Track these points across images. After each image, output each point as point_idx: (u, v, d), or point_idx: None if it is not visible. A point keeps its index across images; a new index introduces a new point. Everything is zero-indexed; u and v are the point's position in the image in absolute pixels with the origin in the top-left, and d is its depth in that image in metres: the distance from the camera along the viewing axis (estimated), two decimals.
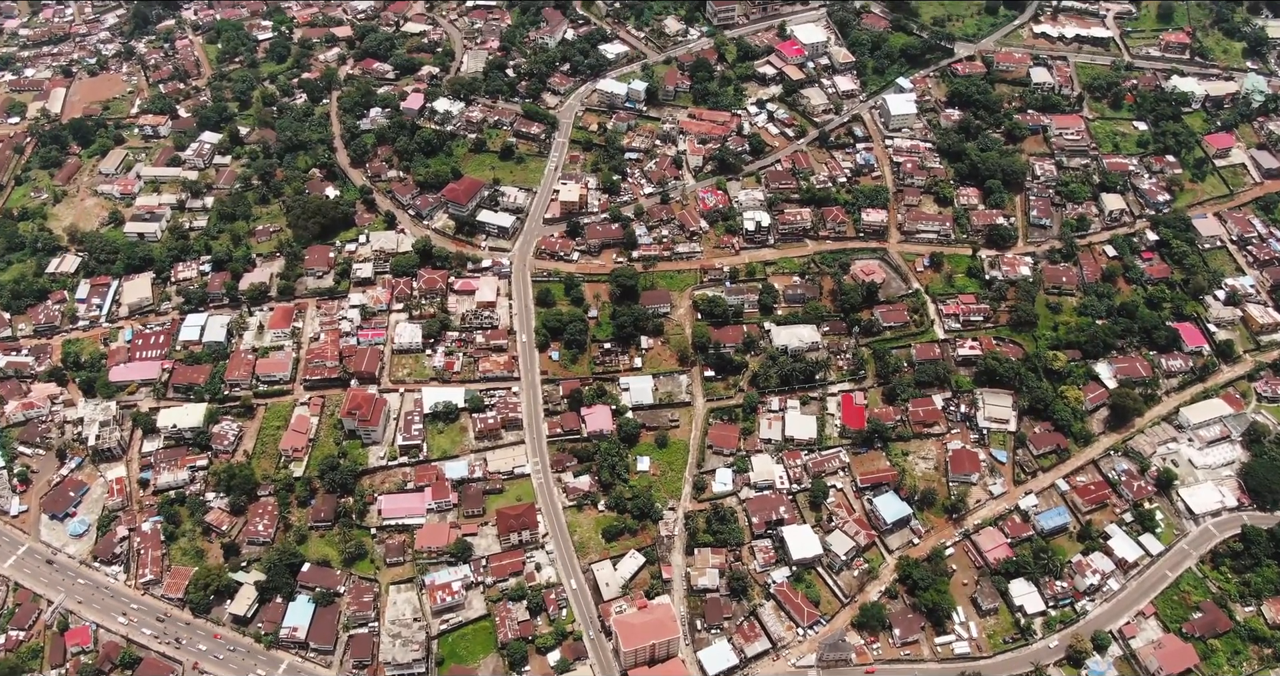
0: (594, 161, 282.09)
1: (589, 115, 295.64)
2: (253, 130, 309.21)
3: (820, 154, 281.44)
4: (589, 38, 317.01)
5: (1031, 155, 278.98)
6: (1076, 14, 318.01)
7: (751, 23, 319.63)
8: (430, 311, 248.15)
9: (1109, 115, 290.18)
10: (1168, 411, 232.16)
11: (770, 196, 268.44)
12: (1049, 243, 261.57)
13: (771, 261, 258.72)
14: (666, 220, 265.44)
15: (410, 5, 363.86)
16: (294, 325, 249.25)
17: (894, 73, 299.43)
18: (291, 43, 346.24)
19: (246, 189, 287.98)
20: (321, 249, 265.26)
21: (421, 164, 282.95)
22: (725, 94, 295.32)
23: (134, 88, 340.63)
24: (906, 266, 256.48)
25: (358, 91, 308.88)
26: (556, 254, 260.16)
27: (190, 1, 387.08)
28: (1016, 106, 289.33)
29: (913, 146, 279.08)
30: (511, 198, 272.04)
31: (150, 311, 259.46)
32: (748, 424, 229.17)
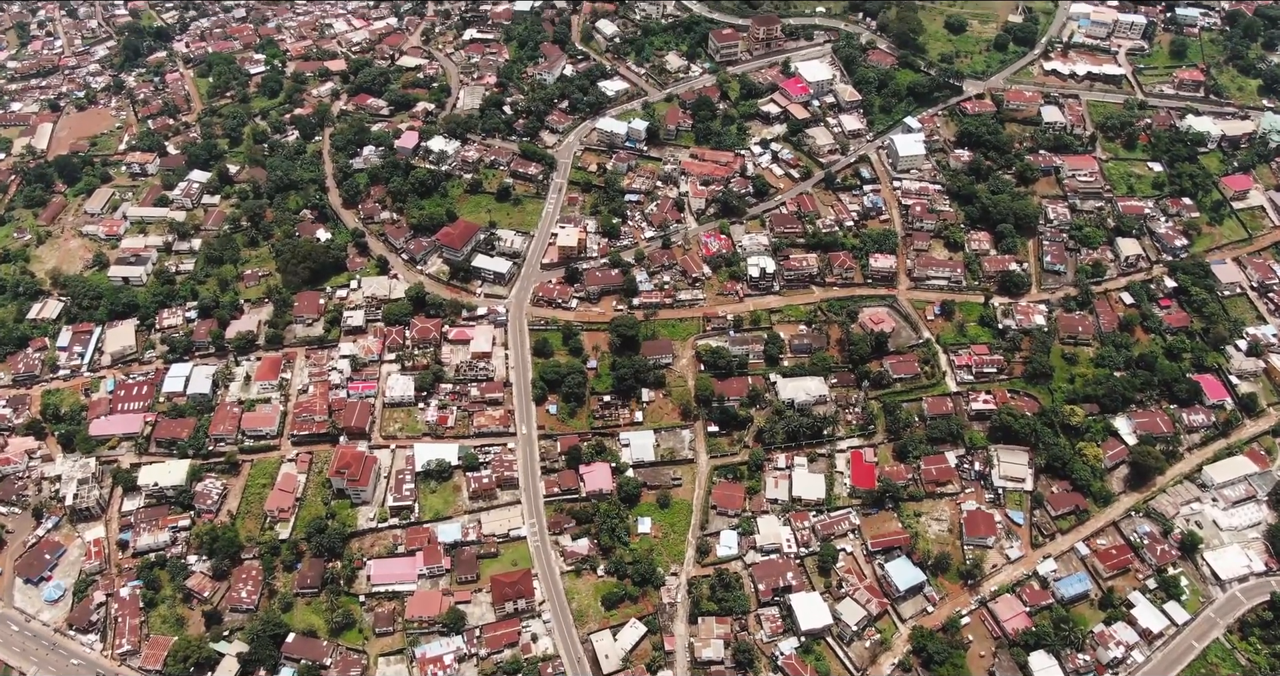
0: (593, 203, 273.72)
1: (588, 154, 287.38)
2: (243, 168, 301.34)
3: (826, 196, 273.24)
4: (588, 74, 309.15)
5: (1044, 198, 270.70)
6: (1088, 51, 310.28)
7: (755, 59, 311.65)
8: (423, 362, 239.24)
9: (1123, 155, 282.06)
10: (1190, 469, 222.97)
11: (775, 241, 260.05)
12: (1063, 289, 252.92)
13: (777, 309, 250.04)
14: (668, 265, 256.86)
15: (406, 38, 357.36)
16: (282, 376, 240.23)
17: (901, 111, 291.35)
18: (284, 77, 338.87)
19: (235, 230, 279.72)
20: (311, 295, 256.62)
21: (415, 205, 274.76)
22: (728, 133, 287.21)
23: (123, 123, 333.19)
24: (916, 314, 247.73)
25: (351, 129, 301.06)
26: (554, 301, 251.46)
27: (182, 34, 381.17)
28: (1028, 146, 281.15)
29: (921, 189, 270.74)
30: (508, 242, 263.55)
31: (133, 360, 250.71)
32: (753, 482, 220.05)
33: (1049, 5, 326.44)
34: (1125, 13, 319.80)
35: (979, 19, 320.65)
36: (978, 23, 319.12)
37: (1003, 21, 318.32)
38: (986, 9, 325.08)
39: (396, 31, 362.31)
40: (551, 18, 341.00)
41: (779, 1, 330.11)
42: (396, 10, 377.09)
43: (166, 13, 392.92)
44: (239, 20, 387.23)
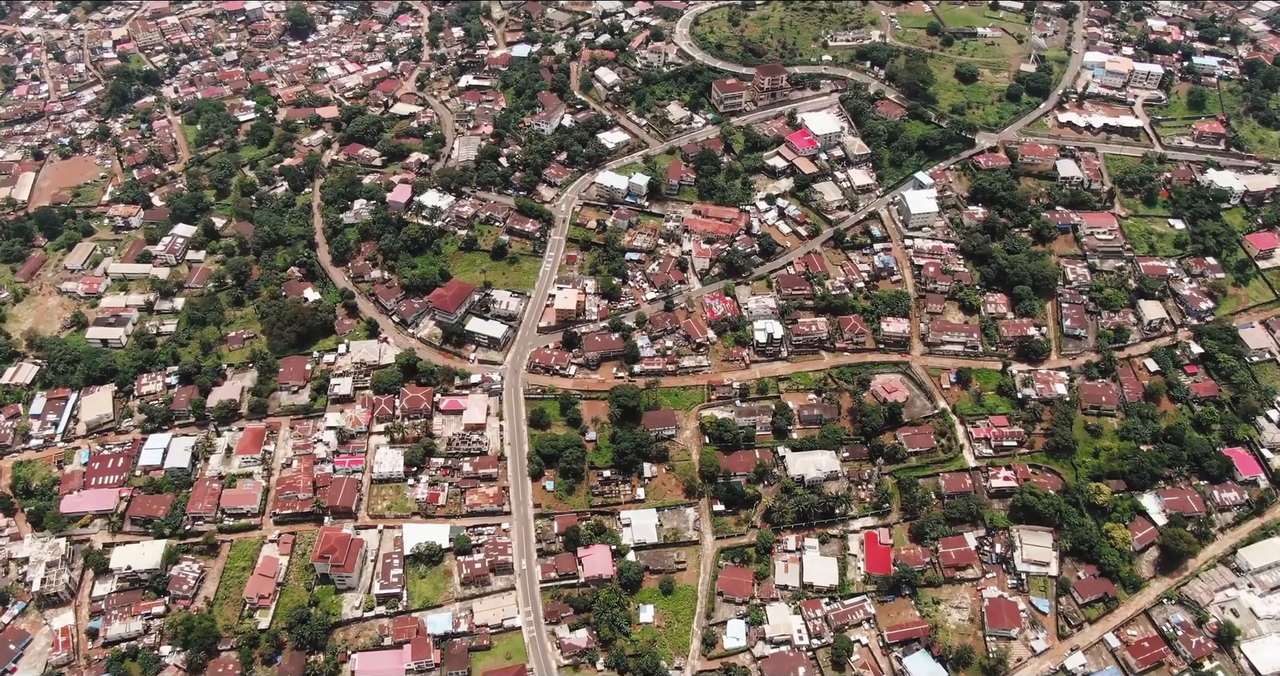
0: (592, 262, 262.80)
1: (587, 210, 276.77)
2: (229, 222, 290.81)
3: (835, 255, 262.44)
4: (587, 125, 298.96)
5: (1062, 257, 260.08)
6: (1103, 101, 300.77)
7: (759, 109, 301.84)
8: (413, 435, 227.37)
9: (1143, 212, 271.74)
10: (1224, 551, 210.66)
11: (782, 303, 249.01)
12: (1085, 355, 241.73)
13: (785, 376, 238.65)
14: (671, 329, 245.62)
15: (400, 84, 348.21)
16: (265, 449, 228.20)
17: (912, 165, 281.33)
18: (274, 124, 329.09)
19: (220, 288, 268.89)
20: (298, 360, 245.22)
21: (407, 263, 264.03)
22: (733, 188, 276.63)
23: (107, 172, 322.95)
24: (931, 382, 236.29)
25: (342, 181, 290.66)
26: (552, 368, 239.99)
27: (171, 77, 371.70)
28: (1044, 202, 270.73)
29: (934, 248, 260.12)
30: (503, 304, 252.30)
31: (110, 430, 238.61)
32: (762, 566, 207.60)
33: (1062, 54, 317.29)
34: (1141, 62, 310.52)
35: (990, 68, 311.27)
36: (989, 71, 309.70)
37: (1014, 71, 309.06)
38: (998, 57, 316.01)
39: (391, 77, 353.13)
40: (550, 65, 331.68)
41: (784, 50, 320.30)
42: (391, 55, 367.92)
43: (156, 56, 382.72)
44: (230, 64, 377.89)
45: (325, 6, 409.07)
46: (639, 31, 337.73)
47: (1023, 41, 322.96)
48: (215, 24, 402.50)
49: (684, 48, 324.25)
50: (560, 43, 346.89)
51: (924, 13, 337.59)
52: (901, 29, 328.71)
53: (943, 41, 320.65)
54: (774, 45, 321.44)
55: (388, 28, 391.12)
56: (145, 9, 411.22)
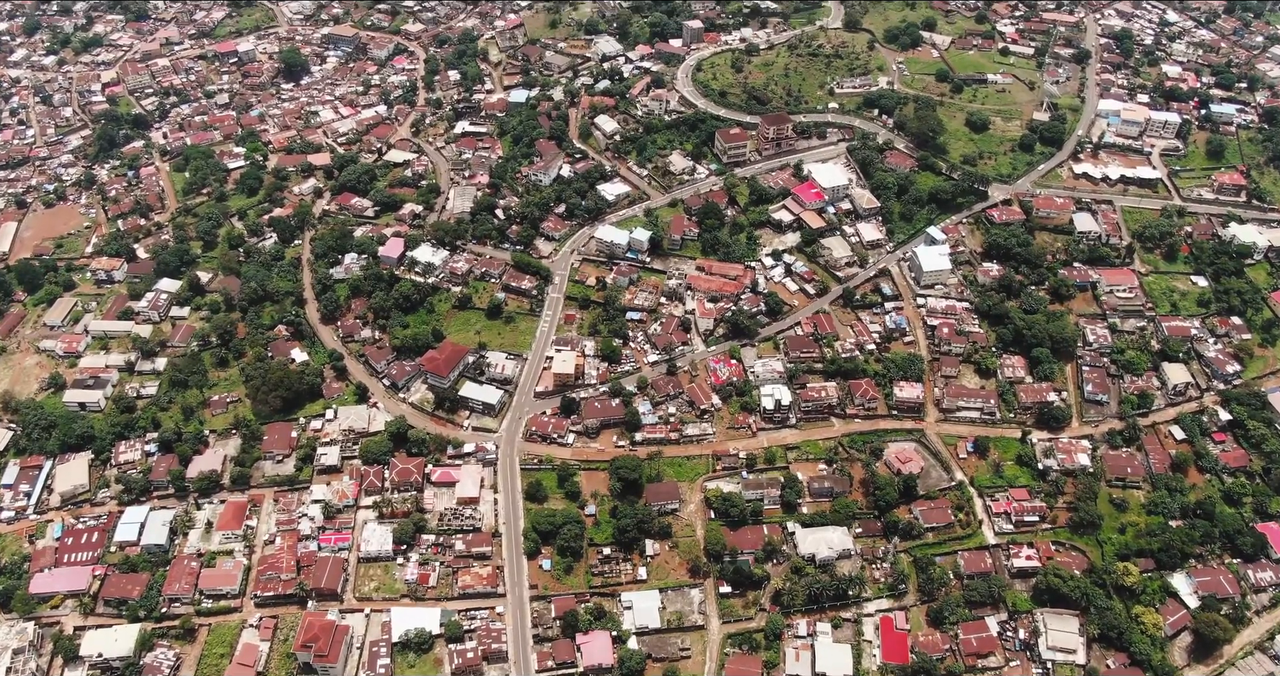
0: (592, 322, 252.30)
1: (586, 266, 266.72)
2: (215, 276, 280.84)
3: (845, 314, 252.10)
4: (586, 175, 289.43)
5: (1080, 316, 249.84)
6: (1119, 151, 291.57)
7: (764, 159, 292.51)
8: (403, 510, 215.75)
9: (1164, 268, 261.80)
10: (1261, 637, 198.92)
11: (790, 367, 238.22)
12: (1107, 422, 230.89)
13: (794, 445, 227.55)
14: (674, 395, 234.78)
15: (395, 129, 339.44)
16: (246, 524, 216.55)
17: (923, 219, 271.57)
18: (264, 172, 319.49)
19: (204, 347, 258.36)
20: (283, 427, 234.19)
21: (399, 323, 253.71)
22: (737, 243, 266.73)
23: (91, 222, 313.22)
24: (947, 452, 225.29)
25: (332, 234, 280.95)
26: (549, 436, 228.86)
27: (161, 121, 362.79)
28: (1061, 259, 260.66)
29: (948, 307, 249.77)
30: (498, 367, 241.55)
31: (85, 501, 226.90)
32: (771, 654, 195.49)
33: (1075, 101, 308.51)
34: (1157, 110, 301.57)
35: (1002, 116, 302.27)
36: (1000, 120, 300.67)
37: (1027, 119, 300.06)
38: (1009, 105, 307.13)
39: (385, 121, 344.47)
40: (548, 111, 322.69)
41: (788, 97, 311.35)
42: (386, 98, 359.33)
43: (146, 99, 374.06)
44: (221, 107, 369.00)
45: (320, 48, 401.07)
46: (639, 77, 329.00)
47: (1034, 88, 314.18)
48: (207, 66, 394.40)
49: (686, 95, 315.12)
50: (559, 88, 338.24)
51: (932, 58, 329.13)
52: (910, 75, 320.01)
53: (952, 88, 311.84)
54: (779, 92, 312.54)
55: (383, 70, 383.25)
56: (136, 51, 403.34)
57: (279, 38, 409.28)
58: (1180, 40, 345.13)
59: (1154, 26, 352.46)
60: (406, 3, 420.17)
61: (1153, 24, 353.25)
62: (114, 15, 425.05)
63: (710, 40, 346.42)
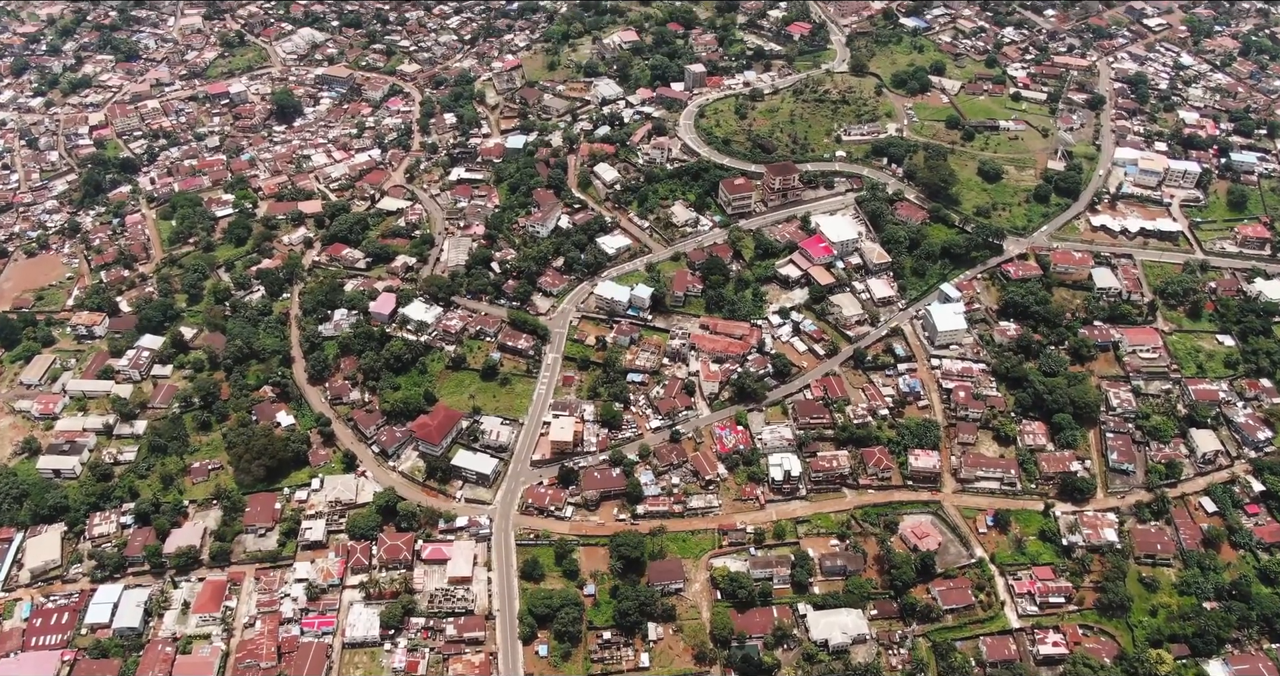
0: (591, 384, 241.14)
1: (585, 324, 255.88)
2: (200, 332, 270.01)
3: (856, 377, 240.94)
4: (586, 227, 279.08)
5: (1103, 379, 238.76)
6: (1137, 201, 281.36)
7: (770, 210, 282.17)
8: (391, 590, 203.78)
9: (1188, 327, 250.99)
10: None
11: (799, 433, 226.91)
12: (1134, 493, 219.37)
13: (804, 518, 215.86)
14: (677, 464, 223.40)
15: (388, 175, 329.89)
16: (225, 605, 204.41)
17: (935, 274, 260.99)
18: (253, 220, 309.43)
19: (186, 409, 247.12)
20: (266, 498, 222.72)
21: (390, 384, 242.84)
22: (743, 300, 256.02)
23: (74, 273, 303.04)
24: (966, 526, 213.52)
25: (322, 288, 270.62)
26: (546, 509, 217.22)
27: (149, 164, 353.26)
28: (1081, 317, 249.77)
29: (964, 369, 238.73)
30: (493, 433, 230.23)
31: (56, 578, 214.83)
32: None
33: (1090, 149, 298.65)
34: (1176, 159, 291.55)
35: (1015, 164, 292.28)
36: (1014, 169, 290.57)
37: (1042, 168, 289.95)
38: (1022, 153, 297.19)
39: (379, 167, 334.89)
40: (546, 158, 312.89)
41: (794, 144, 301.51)
42: (380, 141, 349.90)
43: (134, 142, 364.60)
44: (212, 150, 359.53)
45: (313, 89, 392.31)
46: (640, 123, 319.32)
47: (1048, 135, 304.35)
48: (198, 107, 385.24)
49: (688, 142, 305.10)
50: (557, 133, 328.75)
51: (942, 104, 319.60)
52: (919, 122, 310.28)
53: (963, 135, 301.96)
54: (784, 140, 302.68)
55: (377, 111, 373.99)
56: (125, 92, 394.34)
57: (272, 78, 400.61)
58: (1196, 84, 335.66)
59: (1168, 70, 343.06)
60: (402, 43, 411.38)
61: (1167, 68, 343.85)
62: (104, 55, 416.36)
63: (713, 84, 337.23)
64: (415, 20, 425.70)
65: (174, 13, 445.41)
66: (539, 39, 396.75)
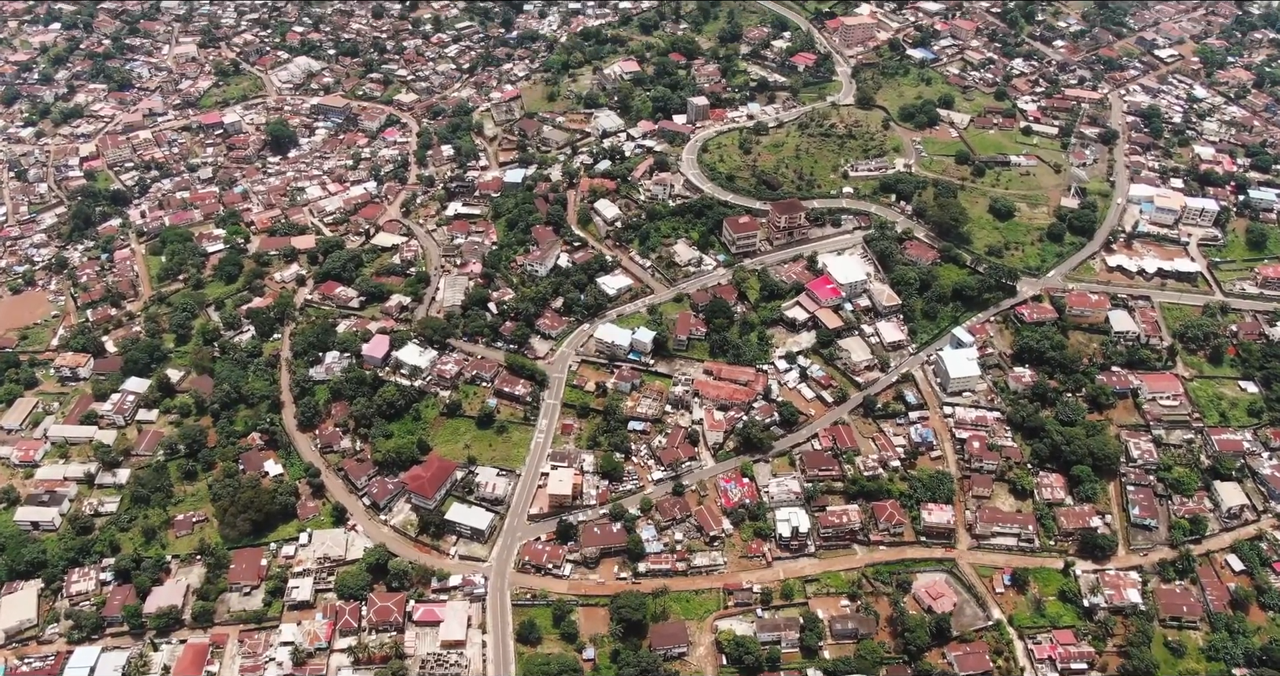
0: (591, 433, 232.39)
1: (585, 368, 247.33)
2: (187, 375, 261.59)
3: (866, 426, 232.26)
4: (586, 266, 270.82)
5: (1122, 428, 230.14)
6: (1154, 241, 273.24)
7: (775, 249, 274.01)
8: (381, 655, 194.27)
9: (1209, 372, 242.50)
10: None
11: (808, 486, 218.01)
12: (1157, 551, 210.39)
13: (813, 577, 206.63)
14: (680, 519, 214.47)
15: (384, 209, 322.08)
16: (207, 670, 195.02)
17: (947, 317, 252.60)
18: (245, 256, 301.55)
19: (171, 457, 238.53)
20: (252, 554, 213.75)
21: (382, 432, 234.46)
22: (748, 344, 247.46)
23: (60, 311, 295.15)
24: (983, 585, 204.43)
25: (313, 329, 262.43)
26: (544, 567, 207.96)
27: (141, 197, 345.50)
28: (1098, 362, 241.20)
29: (978, 418, 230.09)
30: (489, 486, 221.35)
31: (31, 638, 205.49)
32: None
33: (1104, 186, 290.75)
34: (1193, 196, 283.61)
35: (1027, 201, 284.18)
36: (1026, 206, 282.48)
37: (1055, 205, 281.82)
38: (1034, 190, 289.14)
39: (374, 201, 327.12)
40: (545, 193, 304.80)
41: (800, 180, 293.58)
42: (376, 173, 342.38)
43: (125, 173, 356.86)
44: (204, 181, 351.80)
45: (309, 119, 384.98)
46: (642, 157, 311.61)
47: (1060, 171, 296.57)
48: (191, 138, 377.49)
49: (691, 178, 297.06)
50: (556, 166, 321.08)
51: (951, 138, 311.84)
52: (928, 157, 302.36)
53: (973, 171, 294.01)
54: (789, 176, 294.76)
55: (374, 142, 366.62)
56: (118, 122, 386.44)
57: (267, 108, 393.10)
58: (1211, 117, 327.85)
59: (1182, 103, 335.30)
60: (400, 72, 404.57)
61: (1180, 100, 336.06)
62: (97, 84, 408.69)
63: (716, 117, 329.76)
64: (413, 49, 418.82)
65: (169, 41, 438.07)
66: (538, 69, 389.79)
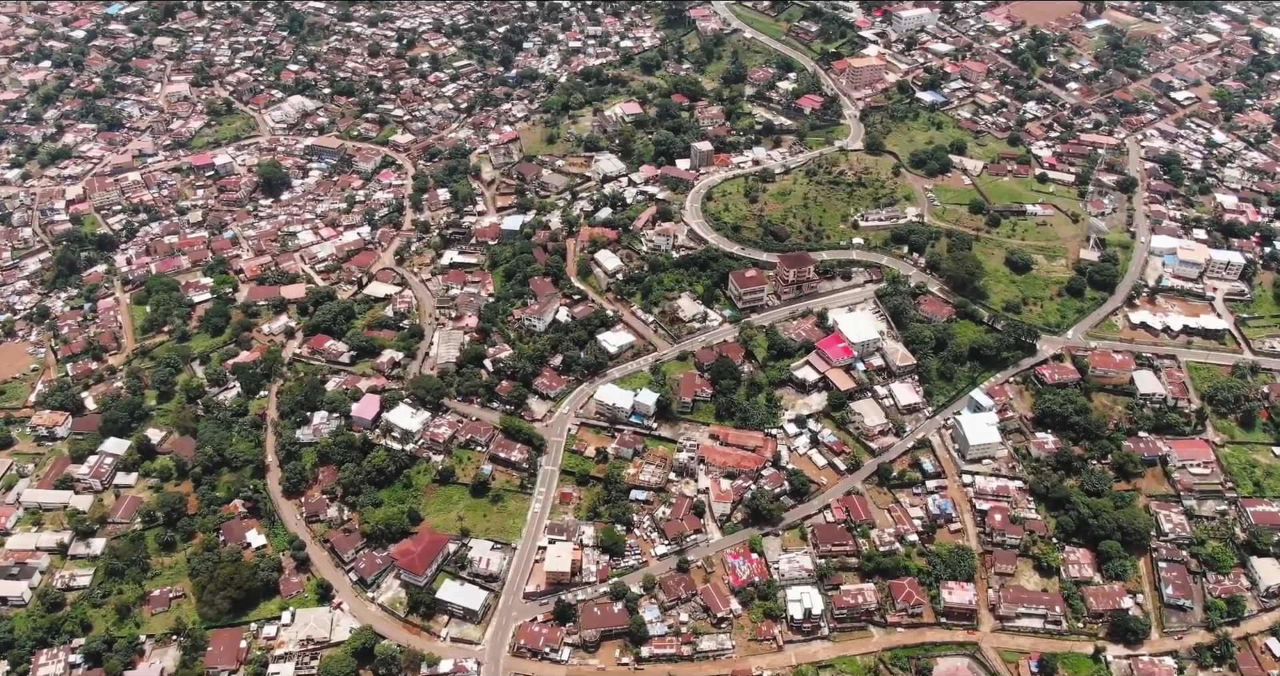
0: (591, 503, 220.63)
1: (585, 432, 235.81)
2: (169, 435, 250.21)
3: (881, 496, 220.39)
4: (586, 322, 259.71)
5: (1151, 498, 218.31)
6: (1178, 295, 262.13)
7: (784, 304, 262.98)
8: None
9: (1240, 437, 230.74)
10: None
11: (820, 562, 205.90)
12: (1193, 633, 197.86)
13: (827, 662, 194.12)
14: (686, 598, 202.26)
15: (377, 256, 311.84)
16: None
17: (964, 378, 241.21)
18: (232, 307, 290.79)
19: (149, 525, 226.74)
20: (231, 635, 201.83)
21: (371, 500, 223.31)
22: (756, 406, 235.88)
23: (39, 364, 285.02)
24: (1008, 671, 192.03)
25: (301, 387, 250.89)
26: (540, 651, 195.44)
27: (128, 241, 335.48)
28: (1125, 427, 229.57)
29: (1000, 488, 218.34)
30: (483, 560, 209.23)
31: None
32: None
33: (1124, 237, 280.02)
34: (1217, 247, 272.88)
35: (1045, 253, 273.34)
36: (1044, 258, 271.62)
37: (1074, 258, 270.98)
38: (1052, 241, 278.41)
39: (368, 247, 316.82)
40: (544, 242, 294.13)
41: (808, 230, 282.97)
42: (370, 217, 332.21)
43: (113, 217, 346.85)
44: (193, 225, 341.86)
45: (302, 160, 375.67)
46: (644, 205, 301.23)
47: (1078, 221, 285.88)
48: (181, 179, 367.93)
49: (695, 228, 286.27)
50: (556, 212, 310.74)
51: (964, 186, 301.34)
52: (941, 206, 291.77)
53: (988, 221, 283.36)
54: (797, 225, 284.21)
55: (368, 184, 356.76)
56: (106, 163, 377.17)
57: (260, 149, 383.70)
58: (1232, 164, 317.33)
59: (1201, 148, 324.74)
60: (396, 112, 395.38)
61: (1199, 146, 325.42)
62: (86, 124, 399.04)
63: (721, 162, 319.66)
64: (410, 88, 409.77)
65: (161, 79, 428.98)
66: (538, 109, 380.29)
